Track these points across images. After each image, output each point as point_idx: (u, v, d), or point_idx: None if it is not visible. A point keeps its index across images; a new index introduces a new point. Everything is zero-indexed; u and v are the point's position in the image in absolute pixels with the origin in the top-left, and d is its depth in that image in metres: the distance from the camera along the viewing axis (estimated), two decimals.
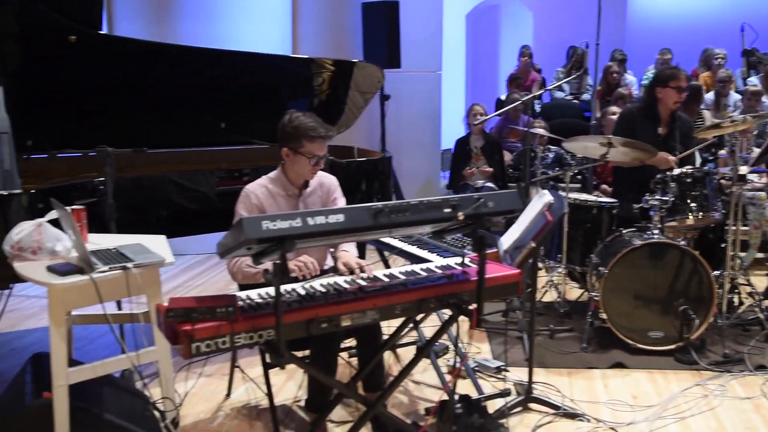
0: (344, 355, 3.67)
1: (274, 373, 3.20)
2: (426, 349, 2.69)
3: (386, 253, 3.39)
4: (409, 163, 6.90)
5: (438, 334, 2.64)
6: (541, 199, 2.92)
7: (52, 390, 2.41)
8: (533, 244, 2.85)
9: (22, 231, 2.60)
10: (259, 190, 2.91)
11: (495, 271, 2.55)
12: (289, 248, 2.07)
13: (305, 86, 4.78)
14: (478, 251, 2.34)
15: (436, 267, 2.60)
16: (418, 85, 7.00)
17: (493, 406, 3.17)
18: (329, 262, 3.10)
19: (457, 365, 3.09)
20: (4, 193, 2.86)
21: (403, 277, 2.53)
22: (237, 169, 3.91)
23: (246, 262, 2.77)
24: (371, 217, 2.18)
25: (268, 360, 2.98)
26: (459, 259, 2.58)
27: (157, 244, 2.83)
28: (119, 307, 3.36)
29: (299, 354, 2.86)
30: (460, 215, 2.22)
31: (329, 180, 3.11)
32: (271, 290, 2.42)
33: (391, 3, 6.11)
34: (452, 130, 7.44)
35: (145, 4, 5.85)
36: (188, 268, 5.84)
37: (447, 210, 2.25)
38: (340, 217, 2.13)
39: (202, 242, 5.67)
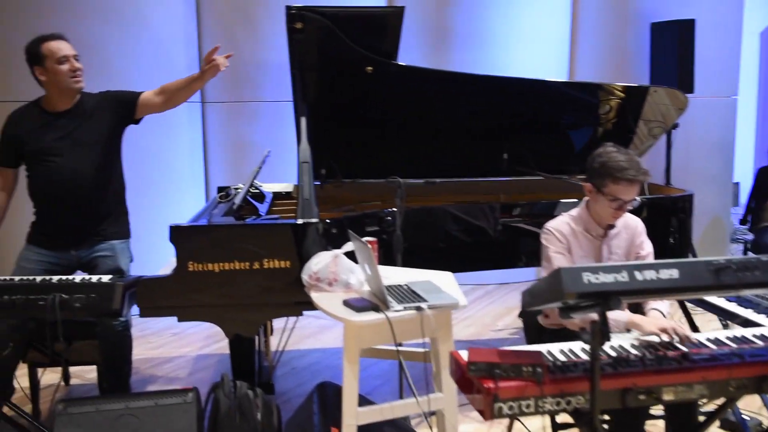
0: None
1: None
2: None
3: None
4: (696, 197, 6.18)
5: None
6: None
7: (341, 427, 2.36)
8: None
9: (320, 262, 2.62)
10: (563, 227, 2.65)
11: None
12: (614, 306, 1.79)
13: (590, 114, 4.44)
14: None
15: None
16: (710, 111, 6.27)
17: None
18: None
19: None
20: (304, 221, 2.91)
21: (733, 345, 2.12)
22: (530, 203, 3.69)
23: None
24: (712, 275, 1.82)
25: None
26: None
27: (445, 282, 2.70)
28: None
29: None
30: None
31: (634, 221, 2.76)
32: (575, 345, 2.17)
33: (685, 22, 5.54)
34: (743, 160, 6.58)
35: (419, 32, 5.92)
36: None
37: None
38: (674, 273, 1.80)
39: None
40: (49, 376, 3.65)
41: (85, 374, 3.96)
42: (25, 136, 3.15)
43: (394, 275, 2.77)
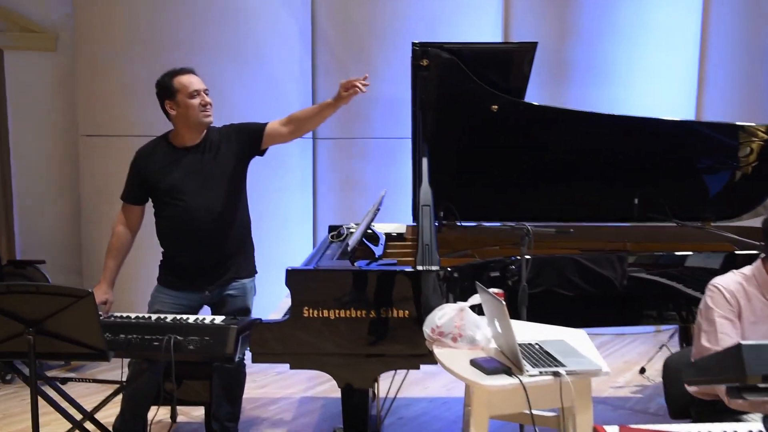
0: None
1: None
2: None
3: None
4: None
5: None
6: None
7: None
8: None
9: (445, 315, 2.43)
10: (734, 286, 2.32)
11: None
12: None
13: (728, 157, 4.09)
14: None
15: None
16: None
17: None
18: None
19: None
20: (425, 269, 2.74)
21: None
22: (667, 253, 3.38)
23: None
24: None
25: None
26: None
27: (581, 342, 2.45)
28: None
29: None
30: None
31: None
32: (741, 428, 1.88)
33: None
34: None
35: (536, 65, 5.70)
36: None
37: None
38: None
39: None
40: (156, 413, 3.60)
41: (192, 412, 3.91)
42: (153, 174, 3.11)
43: (521, 332, 2.55)
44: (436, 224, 3.50)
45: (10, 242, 5.54)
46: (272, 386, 4.51)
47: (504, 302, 2.13)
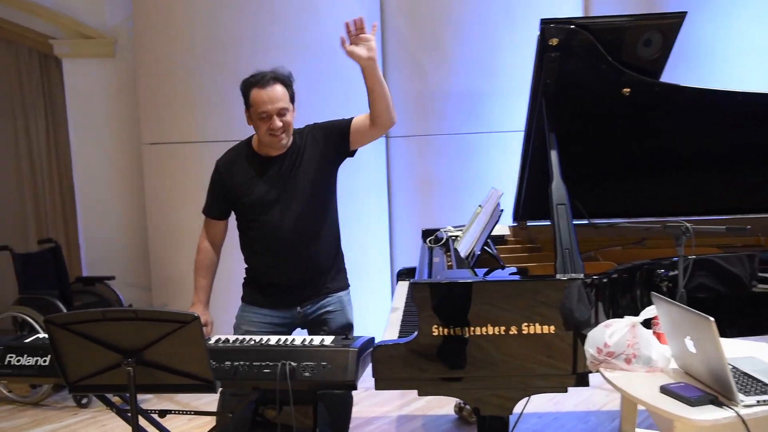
0: None
1: None
2: None
3: None
4: None
5: None
6: None
7: None
8: None
9: (615, 332, 2.07)
10: None
11: None
12: None
13: None
14: None
15: None
16: None
17: None
18: None
19: None
20: (569, 277, 2.38)
21: None
22: None
23: None
24: None
25: None
26: None
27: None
28: None
29: None
30: None
31: None
32: None
33: None
34: None
35: None
36: None
37: None
38: None
39: None
40: None
41: None
42: (238, 187, 2.81)
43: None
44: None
45: (75, 257, 5.31)
46: (364, 404, 4.19)
47: (711, 317, 1.76)
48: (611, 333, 2.07)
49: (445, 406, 4.02)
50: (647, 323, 2.15)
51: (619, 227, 3.09)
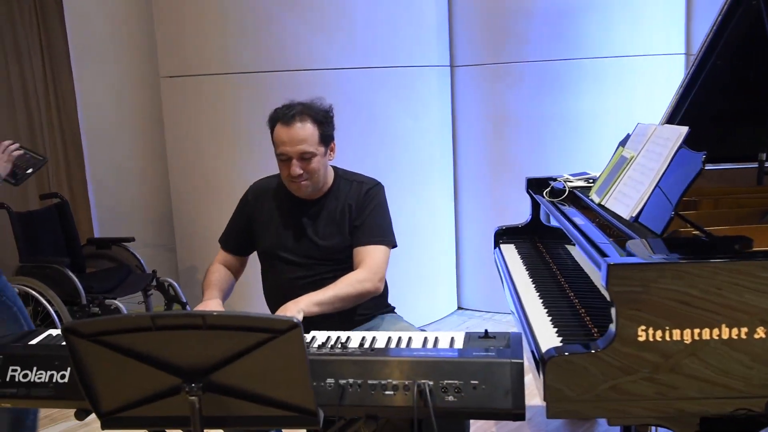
0: None
1: None
2: None
3: None
4: None
5: None
6: None
7: None
8: None
9: None
10: None
11: None
12: None
13: None
14: None
15: None
16: None
17: None
18: None
19: None
20: None
21: None
22: None
23: None
24: None
25: None
26: None
27: None
28: None
29: None
30: None
31: None
32: None
33: None
34: None
35: None
36: None
37: None
38: None
39: None
40: None
41: None
42: (257, 223, 2.38)
43: None
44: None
45: (84, 218, 4.51)
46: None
47: None
48: None
49: None
50: None
51: None
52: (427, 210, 4.33)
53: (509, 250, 2.96)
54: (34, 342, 2.00)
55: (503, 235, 3.10)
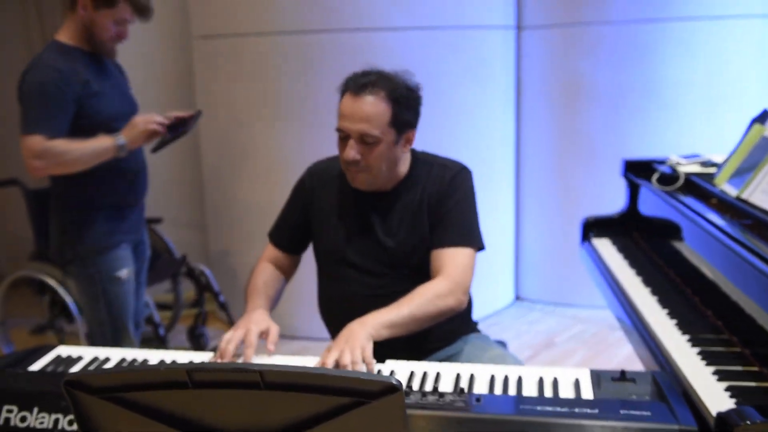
0: None
1: None
2: None
3: None
4: None
5: None
6: None
7: None
8: None
9: None
10: None
11: None
12: None
13: None
14: None
15: None
16: None
17: None
18: None
19: None
20: None
21: None
22: None
23: None
24: None
25: None
26: None
27: None
28: None
29: None
30: None
31: None
32: None
33: None
34: None
35: None
36: None
37: None
38: None
39: None
40: None
41: None
42: (316, 217, 1.93)
43: None
44: None
45: None
46: None
47: None
48: None
49: None
50: None
51: None
52: (484, 190, 3.81)
53: (605, 247, 2.50)
54: (36, 367, 1.58)
55: (593, 226, 2.64)
